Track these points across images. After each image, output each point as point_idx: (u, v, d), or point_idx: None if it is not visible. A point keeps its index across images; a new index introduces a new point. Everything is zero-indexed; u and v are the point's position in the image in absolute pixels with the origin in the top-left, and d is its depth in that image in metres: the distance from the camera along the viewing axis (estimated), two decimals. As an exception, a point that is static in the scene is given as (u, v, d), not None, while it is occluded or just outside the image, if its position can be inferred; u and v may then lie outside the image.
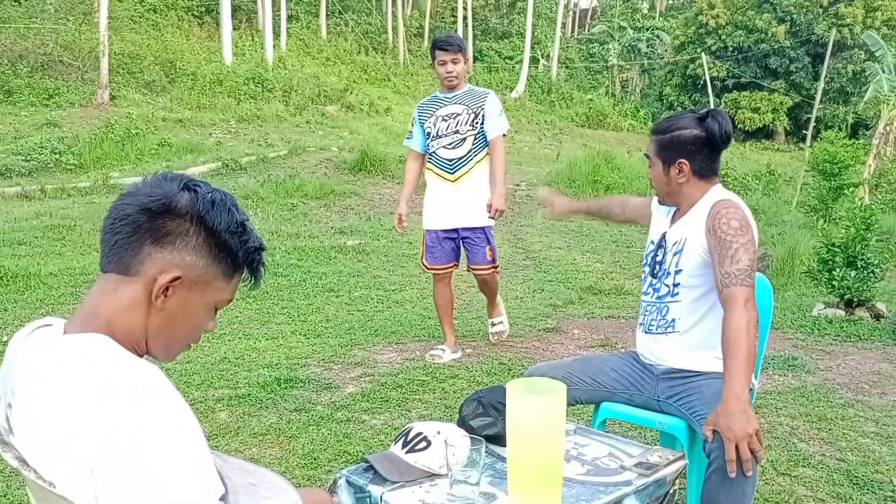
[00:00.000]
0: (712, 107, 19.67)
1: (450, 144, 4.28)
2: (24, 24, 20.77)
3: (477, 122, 4.26)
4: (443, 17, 41.65)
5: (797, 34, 31.06)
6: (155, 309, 1.14)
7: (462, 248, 4.41)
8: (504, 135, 4.33)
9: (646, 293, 2.46)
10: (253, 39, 30.61)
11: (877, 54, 19.40)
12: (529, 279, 7.23)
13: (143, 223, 1.13)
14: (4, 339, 4.48)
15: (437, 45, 4.21)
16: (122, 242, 1.13)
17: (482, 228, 4.34)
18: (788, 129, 32.38)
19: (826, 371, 4.57)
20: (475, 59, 38.21)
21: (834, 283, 5.84)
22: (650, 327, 2.42)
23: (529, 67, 35.77)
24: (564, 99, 34.66)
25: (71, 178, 11.23)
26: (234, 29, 29.13)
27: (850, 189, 10.88)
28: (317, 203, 10.72)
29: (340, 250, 7.66)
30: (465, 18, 36.35)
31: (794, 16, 30.84)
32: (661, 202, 2.44)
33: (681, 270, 2.32)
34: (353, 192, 11.42)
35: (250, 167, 12.82)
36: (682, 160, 2.32)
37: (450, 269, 4.43)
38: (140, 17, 26.99)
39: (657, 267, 2.40)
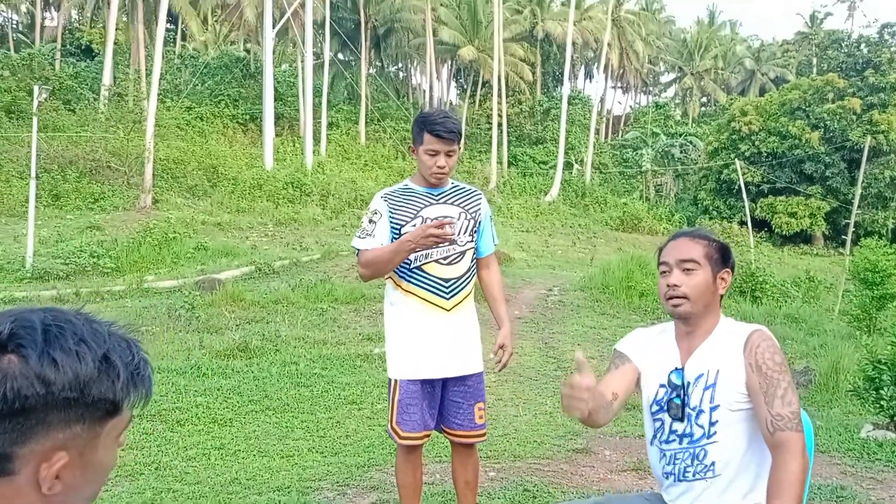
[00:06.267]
0: (748, 213, 19.49)
1: (445, 259, 3.15)
2: (76, 132, 21.74)
3: (474, 232, 3.25)
4: (478, 124, 42.77)
5: (831, 140, 31.16)
6: (52, 493, 0.96)
7: (441, 404, 3.24)
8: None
9: (668, 441, 2.20)
10: (294, 145, 31.69)
11: (914, 160, 19.27)
12: (559, 392, 6.95)
13: None
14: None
15: (431, 130, 3.09)
16: None
17: (478, 376, 3.24)
18: (827, 233, 32.00)
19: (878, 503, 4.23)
20: (510, 163, 38.95)
21: (882, 402, 5.51)
22: (685, 475, 2.18)
23: (563, 172, 36.26)
24: (598, 203, 34.88)
25: (107, 281, 11.40)
26: (276, 135, 30.24)
27: (894, 299, 10.52)
28: (347, 308, 10.68)
29: (366, 358, 7.53)
30: (499, 125, 37.22)
31: (828, 122, 31.03)
32: (679, 315, 2.17)
33: (717, 406, 2.11)
34: (384, 297, 11.40)
35: (283, 271, 12.93)
36: (728, 271, 2.17)
37: (426, 439, 3.23)
38: (187, 125, 28.16)
39: (683, 409, 2.16)
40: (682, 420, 2.16)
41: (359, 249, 3.17)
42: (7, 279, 11.38)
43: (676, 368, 2.19)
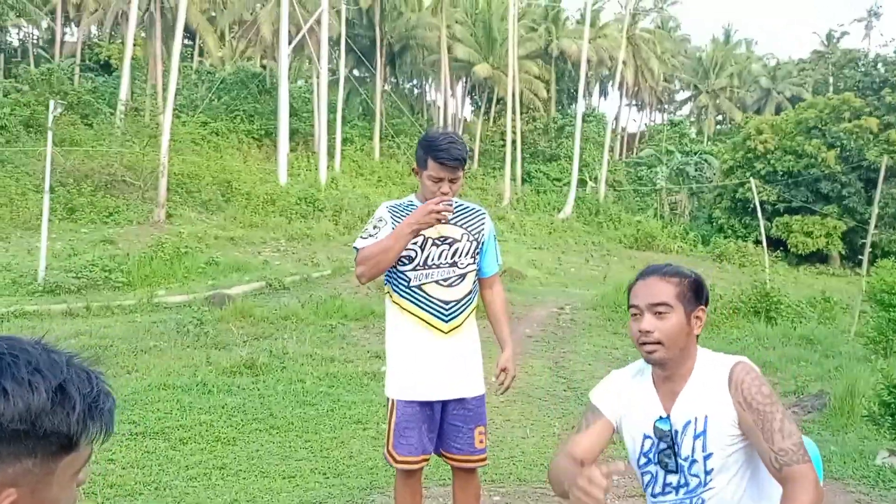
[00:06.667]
0: (763, 232, 19.28)
1: (445, 280, 3.09)
2: (92, 146, 21.93)
3: (477, 254, 3.18)
4: (492, 141, 42.82)
5: (848, 159, 30.94)
6: None
7: (440, 428, 3.15)
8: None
9: (664, 493, 2.08)
10: (308, 161, 31.83)
11: (932, 181, 19.07)
12: (569, 413, 6.87)
13: None
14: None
15: (435, 157, 3.01)
16: None
17: (478, 399, 3.16)
18: (844, 253, 31.70)
19: (894, 534, 4.11)
20: (523, 180, 38.92)
21: (898, 429, 5.39)
22: None
23: (577, 189, 36.19)
24: (612, 220, 34.76)
25: (118, 295, 11.42)
26: (291, 151, 30.38)
27: (912, 321, 10.34)
28: (356, 324, 10.63)
29: (374, 377, 7.46)
30: (513, 142, 37.24)
31: (844, 142, 30.83)
32: (654, 362, 2.03)
33: (711, 454, 1.99)
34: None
35: (294, 287, 12.90)
36: (703, 308, 2.03)
37: (424, 463, 3.14)
38: (202, 140, 28.34)
39: (672, 459, 2.03)
40: (675, 472, 2.03)
41: (358, 248, 3.10)
42: (19, 292, 11.42)
43: (661, 417, 2.05)
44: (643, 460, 2.08)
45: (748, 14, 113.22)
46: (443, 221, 3.01)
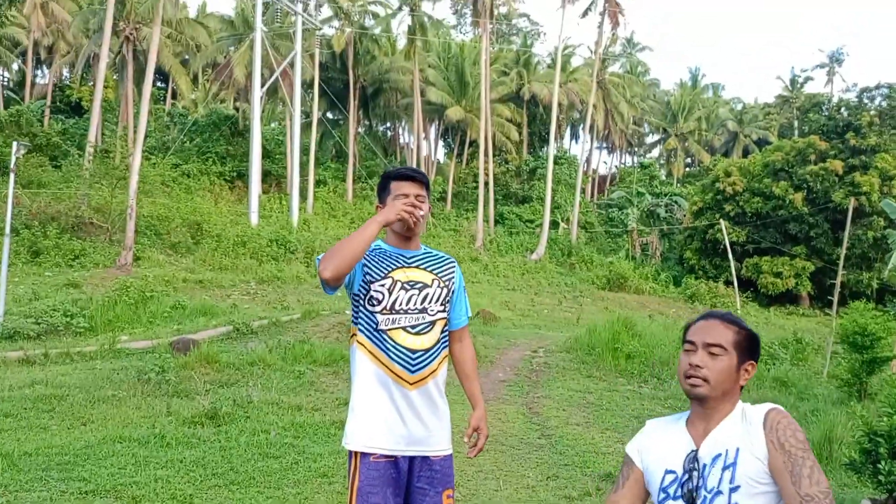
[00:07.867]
0: (734, 273, 19.36)
1: (413, 327, 2.90)
2: (60, 188, 21.58)
3: (447, 302, 3.01)
4: (465, 183, 42.97)
5: (814, 201, 31.44)
6: None
7: (406, 491, 2.91)
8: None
9: None
10: (281, 203, 31.62)
11: (897, 222, 19.38)
12: (543, 462, 6.68)
13: None
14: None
15: (398, 176, 2.94)
16: None
17: (446, 460, 2.95)
18: (813, 293, 32.02)
19: (880, 591, 3.95)
20: (496, 222, 39.00)
21: (880, 477, 5.25)
22: None
23: (549, 230, 36.32)
24: (585, 262, 34.86)
25: (79, 341, 11.06)
26: (263, 193, 30.18)
27: (884, 363, 10.33)
28: (325, 370, 10.37)
29: (342, 426, 7.17)
30: (486, 184, 37.40)
31: (811, 184, 31.35)
32: (695, 396, 2.08)
33: (738, 487, 1.97)
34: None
35: (262, 331, 12.61)
36: (754, 363, 2.13)
37: None
38: (173, 182, 28.06)
39: (696, 492, 2.02)
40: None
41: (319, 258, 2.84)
42: (-25, 339, 11.03)
43: (690, 451, 2.08)
44: (662, 496, 2.10)
45: (716, 60, 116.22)
46: (412, 219, 2.86)
